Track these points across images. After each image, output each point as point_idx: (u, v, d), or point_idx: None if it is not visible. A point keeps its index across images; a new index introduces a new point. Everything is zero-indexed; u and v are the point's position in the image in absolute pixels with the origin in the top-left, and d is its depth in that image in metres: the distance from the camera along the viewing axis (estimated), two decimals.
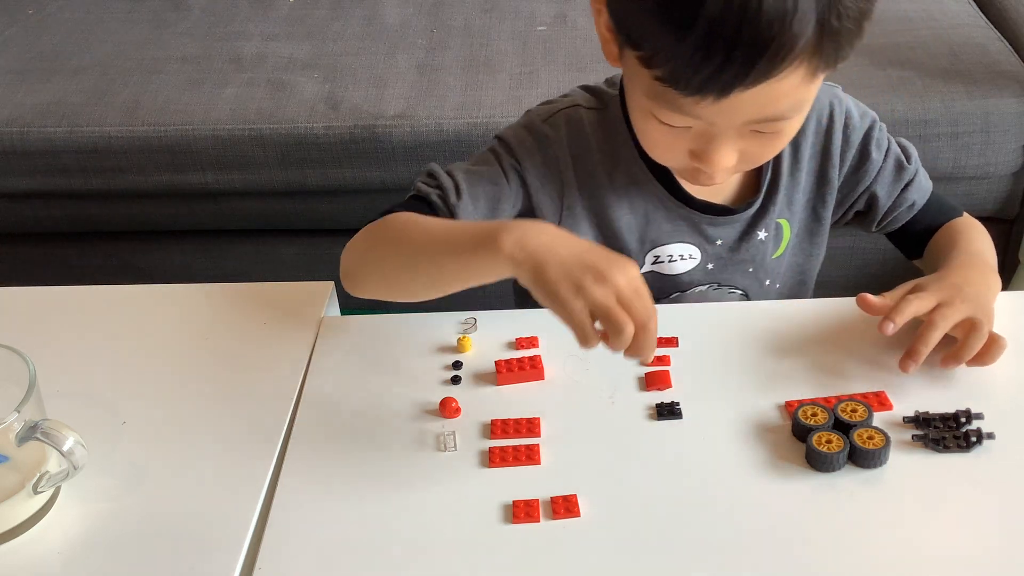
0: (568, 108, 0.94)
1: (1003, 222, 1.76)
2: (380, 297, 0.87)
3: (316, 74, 1.77)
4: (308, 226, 1.79)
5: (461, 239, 0.79)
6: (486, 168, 0.91)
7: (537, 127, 0.93)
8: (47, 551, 0.71)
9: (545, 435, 0.78)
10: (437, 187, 0.89)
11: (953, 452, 0.74)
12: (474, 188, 0.89)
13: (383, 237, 0.86)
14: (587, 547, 0.69)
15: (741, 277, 0.99)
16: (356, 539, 0.70)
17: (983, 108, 1.61)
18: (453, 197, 0.88)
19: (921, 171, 1.01)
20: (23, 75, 1.80)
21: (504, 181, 0.91)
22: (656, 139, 0.83)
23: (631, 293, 0.70)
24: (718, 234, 0.96)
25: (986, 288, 0.87)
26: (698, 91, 0.72)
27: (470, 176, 0.90)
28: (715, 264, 0.98)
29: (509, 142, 0.93)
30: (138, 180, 1.70)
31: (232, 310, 0.93)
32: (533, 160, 0.92)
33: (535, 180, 0.92)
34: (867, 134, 0.98)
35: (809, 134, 0.96)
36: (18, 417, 0.68)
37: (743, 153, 0.81)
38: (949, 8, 1.87)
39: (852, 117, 0.97)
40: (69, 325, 0.92)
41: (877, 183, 0.99)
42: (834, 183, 0.98)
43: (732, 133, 0.78)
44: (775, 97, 0.74)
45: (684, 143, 0.81)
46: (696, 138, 0.80)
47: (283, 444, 0.79)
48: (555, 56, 1.79)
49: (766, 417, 0.78)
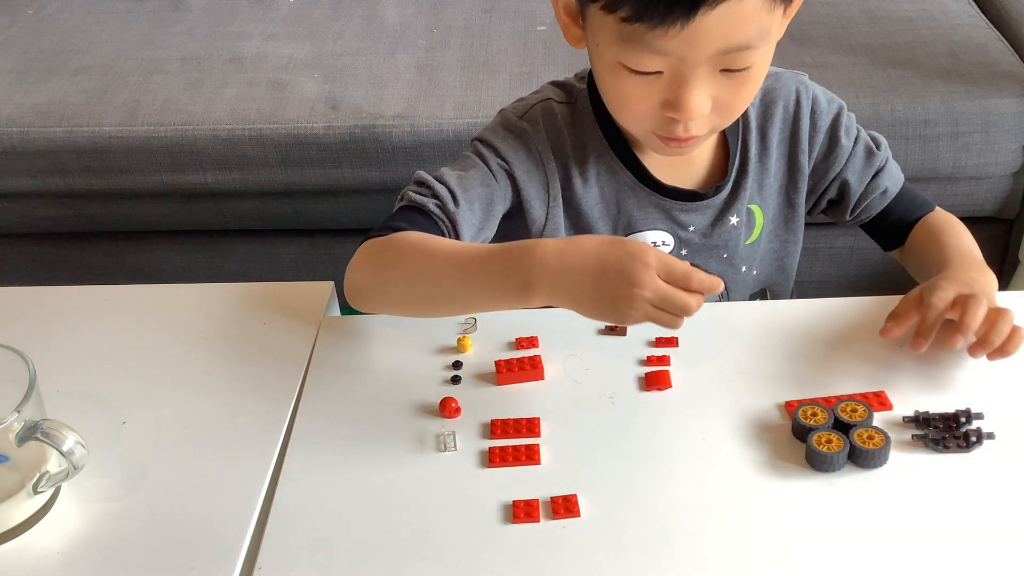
0: (541, 102, 0.97)
1: (1003, 222, 1.76)
2: (387, 313, 0.89)
3: (316, 74, 1.77)
4: (308, 226, 1.79)
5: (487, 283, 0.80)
6: (475, 171, 0.92)
7: (515, 124, 0.95)
8: (47, 551, 0.71)
9: (545, 435, 0.78)
10: (433, 196, 0.90)
11: (953, 452, 0.74)
12: (468, 193, 0.90)
13: (394, 259, 0.85)
14: (587, 547, 0.69)
15: (716, 263, 1.00)
16: (356, 539, 0.70)
17: (983, 108, 1.61)
18: (451, 205, 0.89)
19: (892, 161, 1.02)
20: (23, 75, 1.80)
21: (494, 181, 0.93)
22: (628, 95, 0.84)
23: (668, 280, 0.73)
24: (690, 220, 0.97)
25: (990, 287, 0.88)
26: (664, 17, 0.75)
27: (462, 181, 0.91)
28: (688, 250, 0.99)
29: (491, 142, 0.94)
30: (138, 180, 1.70)
31: (232, 310, 0.93)
32: (518, 156, 0.94)
33: (522, 175, 0.94)
34: (835, 120, 0.99)
35: (776, 120, 0.98)
36: (18, 417, 0.68)
37: (716, 101, 0.82)
38: (949, 8, 1.87)
39: (819, 103, 0.99)
40: (69, 325, 0.92)
41: (848, 169, 1.00)
42: (804, 169, 0.99)
43: (703, 73, 0.80)
44: (740, 21, 0.76)
45: (656, 94, 0.82)
46: (668, 86, 0.81)
47: (283, 444, 0.79)
48: (555, 56, 1.79)
49: (766, 417, 0.78)
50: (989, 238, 1.77)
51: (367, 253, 0.87)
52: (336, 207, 1.74)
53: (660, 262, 0.73)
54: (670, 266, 0.73)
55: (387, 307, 0.88)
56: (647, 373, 0.83)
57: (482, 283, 0.80)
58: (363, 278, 0.87)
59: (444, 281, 0.82)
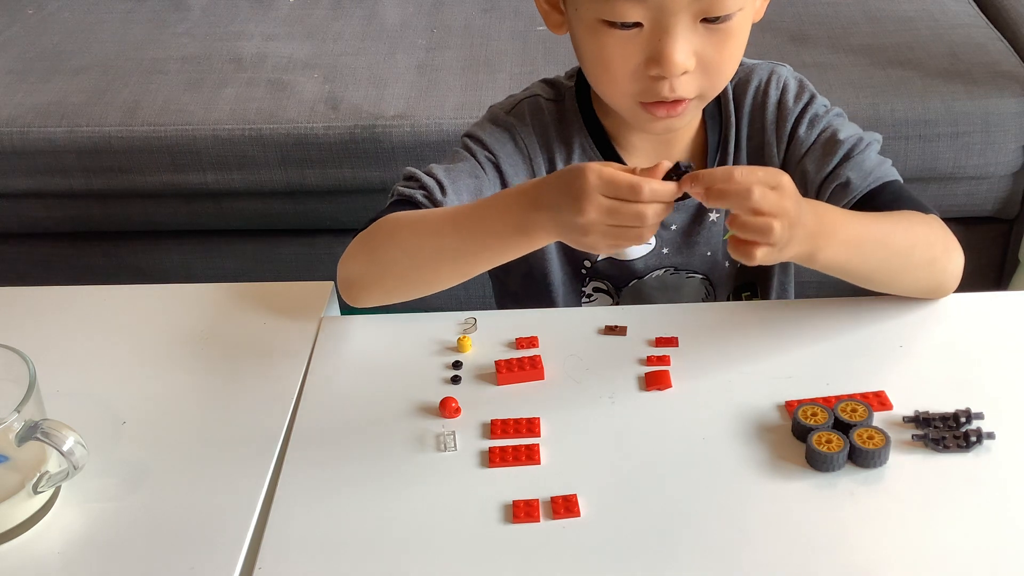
0: (528, 98, 0.98)
1: (1003, 222, 1.76)
2: (386, 301, 0.87)
3: (316, 74, 1.77)
4: (308, 226, 1.79)
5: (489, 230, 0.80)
6: (463, 164, 0.94)
7: (502, 119, 0.97)
8: (47, 551, 0.71)
9: (545, 435, 0.78)
10: (421, 187, 0.91)
11: (953, 452, 0.74)
12: (456, 183, 0.91)
13: (387, 238, 0.86)
14: (587, 547, 0.69)
15: (699, 262, 1.01)
16: (356, 539, 0.70)
17: (983, 108, 1.61)
18: (439, 194, 0.90)
19: (874, 157, 0.94)
20: (23, 75, 1.80)
21: (482, 172, 0.94)
22: (610, 57, 0.84)
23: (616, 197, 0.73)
24: (671, 219, 0.98)
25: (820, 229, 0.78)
26: None
27: (450, 172, 0.92)
28: (670, 248, 1.00)
29: (479, 136, 0.96)
30: (138, 180, 1.70)
31: (232, 310, 0.93)
32: (505, 149, 0.95)
33: (509, 168, 0.95)
34: (802, 111, 0.96)
35: (745, 111, 0.98)
36: (18, 417, 0.68)
37: (700, 59, 0.82)
38: (949, 8, 1.87)
39: (787, 92, 0.97)
40: (69, 325, 0.92)
41: (807, 158, 0.95)
42: (775, 160, 0.98)
43: (683, 23, 0.80)
44: None
45: (637, 52, 0.82)
46: (648, 40, 0.81)
47: (283, 444, 0.79)
48: (555, 56, 1.79)
49: (766, 417, 0.78)
50: (989, 238, 1.77)
51: (358, 243, 0.88)
52: (336, 207, 1.74)
53: (601, 180, 0.72)
54: (614, 182, 0.72)
55: (385, 291, 0.87)
56: (647, 373, 0.83)
57: (478, 227, 0.81)
58: (357, 266, 0.87)
59: (443, 242, 0.83)
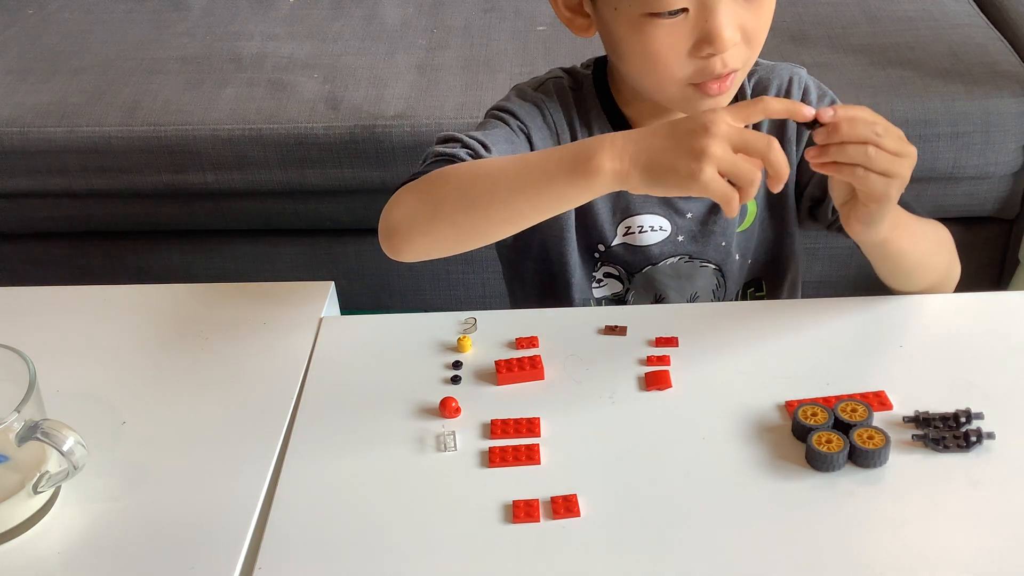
0: (553, 79, 0.99)
1: (1003, 222, 1.76)
2: (430, 252, 0.83)
3: (316, 74, 1.77)
4: (308, 226, 1.79)
5: (546, 170, 0.78)
6: (498, 130, 0.93)
7: (531, 94, 0.98)
8: (47, 551, 0.71)
9: (545, 435, 0.78)
10: (464, 147, 0.88)
11: (953, 452, 0.74)
12: (497, 146, 0.90)
13: (443, 184, 0.82)
14: (587, 547, 0.69)
15: (713, 251, 1.01)
16: (356, 539, 0.70)
17: (983, 108, 1.61)
18: (484, 152, 0.88)
19: None
20: (23, 75, 1.80)
21: (517, 139, 0.94)
22: (658, 49, 0.84)
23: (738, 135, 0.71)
24: (688, 207, 0.99)
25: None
26: None
27: (489, 136, 0.91)
28: (685, 236, 1.00)
29: (509, 108, 0.96)
30: (138, 180, 1.70)
31: (232, 310, 0.93)
32: (535, 122, 0.95)
33: (539, 142, 0.95)
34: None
35: None
36: (18, 417, 0.68)
37: (743, 31, 0.83)
38: (949, 8, 1.87)
39: (809, 94, 0.99)
40: (69, 325, 0.92)
41: None
42: (794, 159, 0.99)
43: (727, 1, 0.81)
44: None
45: (685, 38, 0.83)
46: (695, 24, 0.82)
47: (283, 444, 0.79)
48: (555, 56, 1.79)
49: (766, 417, 0.78)
50: (989, 238, 1.77)
51: (405, 191, 0.84)
52: (336, 207, 1.73)
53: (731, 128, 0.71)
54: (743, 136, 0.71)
55: (431, 239, 0.82)
56: (647, 373, 0.83)
57: (537, 169, 0.78)
58: (405, 210, 0.82)
59: (502, 177, 0.80)
